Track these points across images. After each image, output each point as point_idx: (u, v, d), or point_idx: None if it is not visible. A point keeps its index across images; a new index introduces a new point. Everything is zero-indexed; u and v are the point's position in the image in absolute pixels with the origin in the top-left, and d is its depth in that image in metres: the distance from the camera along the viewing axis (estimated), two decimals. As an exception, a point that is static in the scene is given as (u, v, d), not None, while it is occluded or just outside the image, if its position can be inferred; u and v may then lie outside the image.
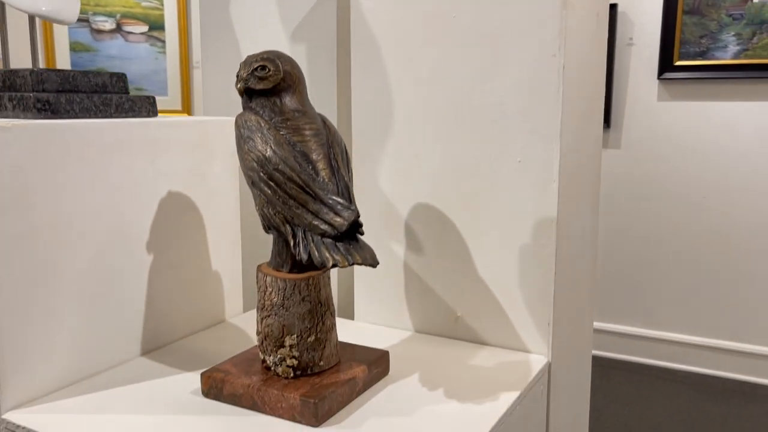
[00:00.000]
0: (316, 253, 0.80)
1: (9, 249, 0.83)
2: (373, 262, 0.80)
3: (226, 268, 1.18)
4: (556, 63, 0.96)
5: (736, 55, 2.71)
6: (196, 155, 1.09)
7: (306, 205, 0.81)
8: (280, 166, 0.82)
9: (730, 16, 2.70)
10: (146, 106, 1.07)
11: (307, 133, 0.86)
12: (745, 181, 2.68)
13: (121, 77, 1.06)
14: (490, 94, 1.01)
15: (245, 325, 1.18)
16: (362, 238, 0.83)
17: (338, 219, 0.80)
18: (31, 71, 0.94)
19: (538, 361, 1.01)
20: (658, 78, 2.80)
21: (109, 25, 3.73)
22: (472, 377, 0.96)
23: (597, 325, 2.80)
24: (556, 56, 0.95)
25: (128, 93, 1.07)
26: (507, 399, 0.88)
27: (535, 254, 1.01)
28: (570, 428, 1.18)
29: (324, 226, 0.80)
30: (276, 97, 0.87)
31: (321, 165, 0.84)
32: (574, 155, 1.04)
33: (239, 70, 0.89)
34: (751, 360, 2.73)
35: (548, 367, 1.02)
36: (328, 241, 0.81)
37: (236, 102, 1.29)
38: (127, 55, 3.84)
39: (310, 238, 0.82)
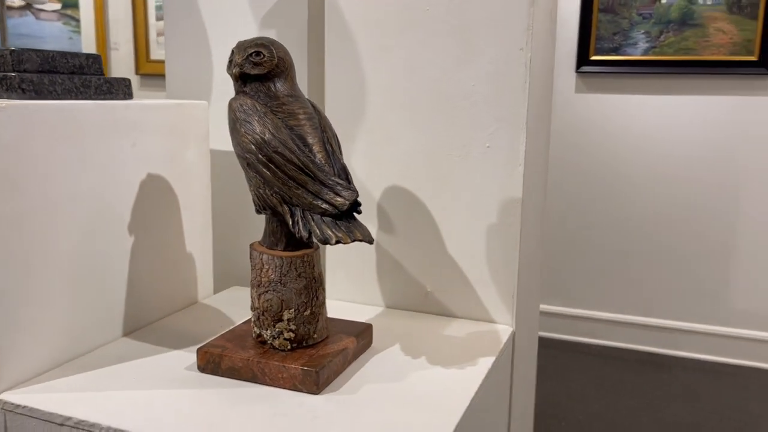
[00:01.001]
0: (318, 231, 0.85)
1: (3, 232, 0.83)
2: (370, 239, 0.86)
3: (198, 251, 1.20)
4: (524, 56, 1.04)
5: (645, 52, 2.92)
6: (173, 138, 1.11)
7: (306, 185, 0.86)
8: (279, 149, 0.86)
9: (641, 15, 2.91)
10: (123, 88, 1.07)
11: (302, 117, 0.90)
12: (652, 168, 2.91)
13: (97, 59, 1.06)
14: (461, 84, 1.08)
15: (219, 305, 1.20)
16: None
17: (339, 198, 0.85)
18: (12, 50, 0.93)
19: (504, 330, 1.10)
20: (576, 71, 2.98)
21: (18, 0, 3.54)
22: (449, 346, 1.03)
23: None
24: (523, 50, 1.04)
25: (104, 74, 1.07)
26: (485, 363, 0.97)
27: (502, 232, 1.09)
28: (524, 392, 1.28)
29: (325, 206, 0.85)
30: (270, 83, 0.90)
31: (317, 148, 0.88)
32: (534, 141, 1.13)
33: (233, 55, 0.91)
34: (661, 333, 2.97)
35: (513, 335, 1.11)
36: (328, 219, 0.86)
37: (200, 85, 1.31)
38: (38, 34, 3.66)
39: (310, 217, 0.86)
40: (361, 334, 0.99)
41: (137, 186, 1.04)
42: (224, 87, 1.30)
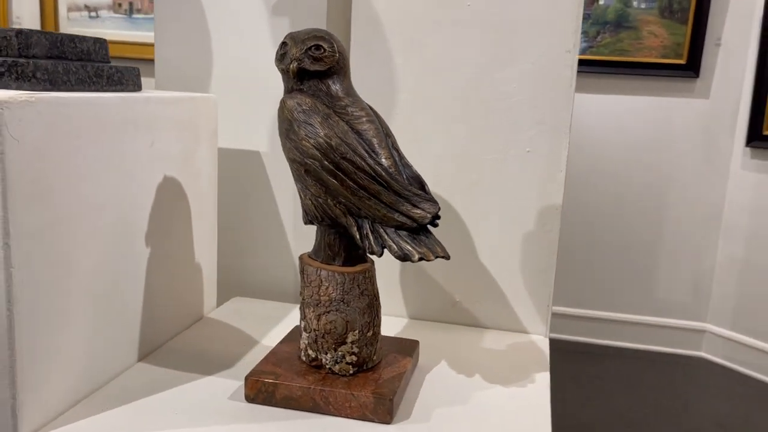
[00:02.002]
0: (395, 246, 0.77)
1: (30, 248, 0.69)
2: (447, 255, 0.79)
3: (205, 261, 1.08)
4: (570, 58, 1.00)
5: (583, 51, 2.99)
6: (187, 136, 0.99)
7: (379, 196, 0.78)
8: (348, 155, 0.77)
9: (580, 15, 2.97)
10: (133, 78, 0.94)
11: (365, 120, 0.82)
12: (586, 164, 2.99)
13: (103, 43, 0.92)
14: (501, 84, 1.03)
15: (228, 320, 1.09)
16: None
17: (417, 211, 0.78)
18: (18, 32, 0.78)
19: (541, 341, 1.07)
20: (518, 68, 3.00)
21: None
22: (496, 360, 0.98)
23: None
24: (570, 52, 1.00)
25: (110, 61, 0.93)
26: (542, 380, 0.93)
27: (539, 240, 1.06)
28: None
29: (401, 218, 0.78)
30: (329, 80, 0.82)
31: (384, 154, 0.80)
32: (566, 146, 1.10)
33: (285, 48, 0.82)
34: (594, 324, 3.07)
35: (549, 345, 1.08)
36: (403, 233, 0.78)
37: (193, 78, 1.18)
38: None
39: (382, 230, 0.79)
40: (413, 353, 0.92)
41: (154, 191, 0.91)
42: (225, 77, 1.18)
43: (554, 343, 2.91)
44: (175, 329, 1.01)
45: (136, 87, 0.95)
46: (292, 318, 1.11)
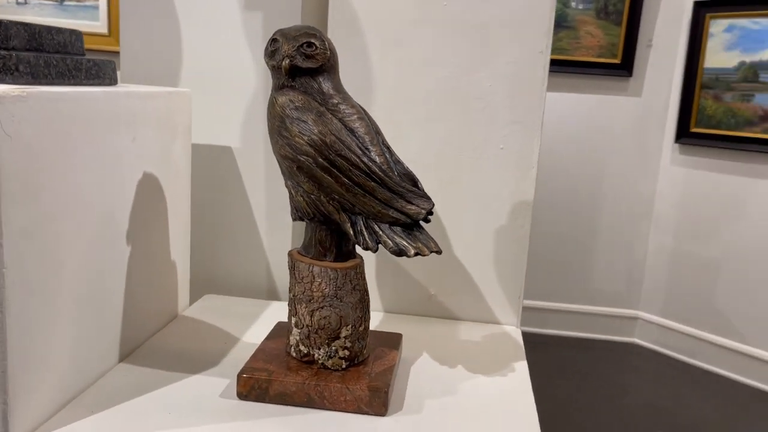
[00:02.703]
0: (390, 242, 0.79)
1: (21, 248, 0.67)
2: (440, 250, 0.81)
3: (179, 258, 1.07)
4: (543, 59, 1.04)
5: (524, 49, 3.07)
6: (164, 131, 0.97)
7: (374, 193, 0.79)
8: (343, 152, 0.78)
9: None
10: (109, 72, 0.91)
11: (356, 117, 0.82)
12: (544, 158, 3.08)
13: (79, 35, 0.89)
14: (477, 83, 1.06)
15: (204, 318, 1.08)
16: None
17: (412, 207, 0.79)
18: (-3, 22, 0.75)
19: (514, 332, 1.10)
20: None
21: None
22: (476, 352, 1.01)
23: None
24: (543, 53, 1.04)
25: (85, 54, 0.90)
26: (522, 369, 0.96)
27: (512, 234, 1.09)
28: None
29: (396, 215, 0.79)
30: (320, 77, 0.82)
31: (377, 151, 0.81)
32: (534, 143, 1.14)
33: (276, 44, 0.81)
34: (531, 313, 3.17)
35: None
36: (397, 228, 0.80)
37: (159, 73, 1.16)
38: None
39: (376, 226, 0.80)
40: (398, 346, 0.94)
41: (134, 187, 0.89)
42: (194, 72, 1.16)
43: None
44: (152, 328, 0.99)
45: (113, 81, 0.92)
46: (268, 315, 1.11)
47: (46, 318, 0.72)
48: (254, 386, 0.81)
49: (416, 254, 0.78)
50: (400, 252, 0.78)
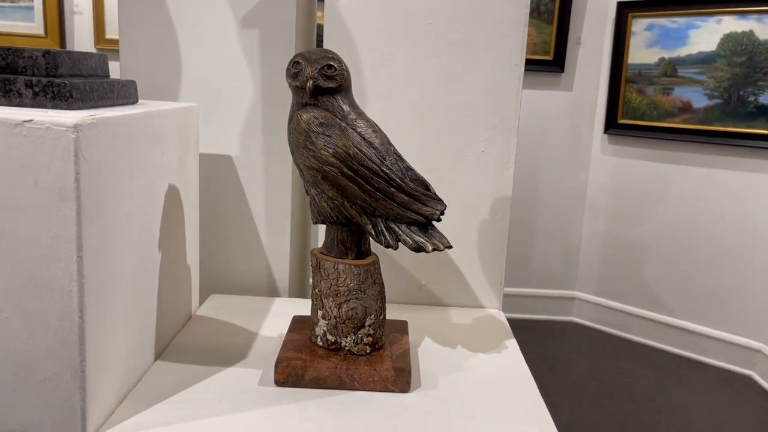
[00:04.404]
0: (409, 240, 0.90)
1: (92, 260, 0.74)
2: (451, 245, 0.93)
3: (192, 262, 1.14)
4: (517, 71, 1.17)
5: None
6: (180, 145, 1.04)
7: (393, 197, 0.90)
8: (365, 162, 0.89)
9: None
10: (132, 91, 0.98)
11: (372, 131, 0.93)
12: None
13: (104, 58, 0.95)
14: (459, 93, 1.18)
15: (218, 316, 1.16)
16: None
17: (428, 209, 0.91)
18: (45, 52, 0.81)
19: (498, 314, 1.24)
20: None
21: None
22: (470, 334, 1.14)
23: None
24: (517, 65, 1.17)
25: (110, 75, 0.97)
26: (513, 345, 1.10)
27: (493, 227, 1.23)
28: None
29: (414, 216, 0.90)
30: (338, 95, 0.92)
31: (391, 160, 0.92)
32: (508, 145, 1.27)
33: (299, 66, 0.91)
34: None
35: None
36: (414, 228, 0.91)
37: (160, 87, 1.22)
38: None
39: (394, 226, 0.91)
40: (406, 331, 1.05)
41: (162, 199, 0.97)
42: (192, 86, 1.23)
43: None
44: (176, 328, 1.07)
45: (136, 99, 0.99)
46: (274, 310, 1.20)
47: (109, 322, 0.80)
48: (291, 373, 0.91)
49: (434, 250, 0.90)
50: (419, 248, 0.89)
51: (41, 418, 0.74)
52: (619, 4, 3.06)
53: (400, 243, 0.91)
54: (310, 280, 1.14)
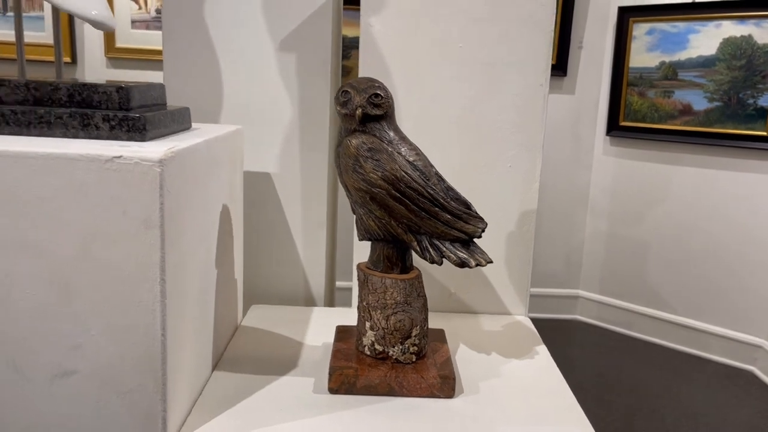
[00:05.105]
0: (454, 256, 0.97)
1: (171, 281, 0.81)
2: (491, 260, 1.00)
3: (238, 275, 1.21)
4: (542, 91, 1.24)
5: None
6: (231, 167, 1.10)
7: (437, 216, 0.97)
8: (412, 184, 0.95)
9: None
10: (187, 116, 1.04)
11: (415, 154, 0.99)
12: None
13: (163, 88, 1.01)
14: (488, 113, 1.25)
15: (263, 327, 1.22)
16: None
17: (470, 226, 0.98)
18: (118, 88, 0.87)
19: (525, 320, 1.31)
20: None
21: None
22: (502, 340, 1.21)
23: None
24: (542, 86, 1.24)
25: (166, 102, 1.03)
26: (543, 351, 1.17)
27: (519, 238, 1.29)
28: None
29: (457, 233, 0.97)
30: (384, 122, 0.98)
31: (434, 181, 0.99)
32: (531, 159, 1.34)
33: (348, 96, 0.97)
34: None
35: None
36: (457, 244, 0.98)
37: (204, 110, 1.28)
38: None
39: (438, 243, 0.98)
40: (445, 339, 1.12)
41: (218, 218, 1.03)
42: (233, 107, 1.29)
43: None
44: (227, 339, 1.13)
45: (189, 123, 1.05)
46: (314, 319, 1.26)
47: (182, 337, 0.86)
48: (344, 381, 0.97)
49: (476, 265, 0.96)
50: (462, 264, 0.96)
51: (125, 427, 0.81)
52: (620, 9, 3.13)
53: (444, 259, 0.97)
54: (354, 293, 1.21)
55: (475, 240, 1.00)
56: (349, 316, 1.23)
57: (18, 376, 0.78)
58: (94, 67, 3.20)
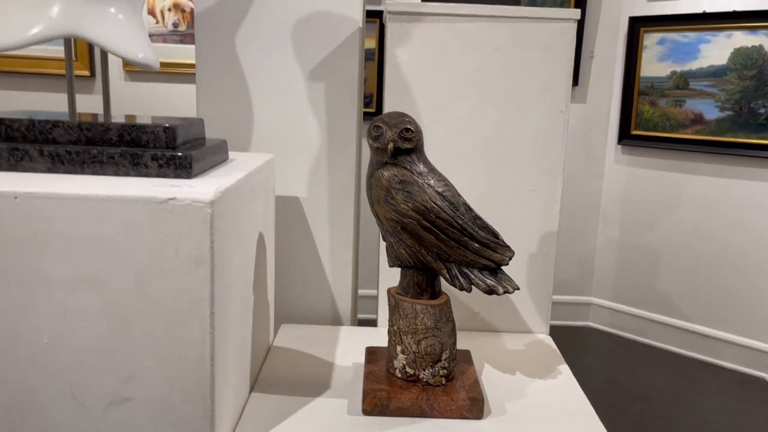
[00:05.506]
0: (482, 284, 1.01)
1: (217, 313, 0.85)
2: (518, 287, 1.04)
3: (270, 297, 1.25)
4: (563, 118, 1.28)
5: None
6: (266, 194, 1.15)
7: (466, 245, 1.01)
8: (442, 215, 1.00)
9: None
10: (225, 149, 1.09)
11: (443, 185, 1.04)
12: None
13: (202, 122, 1.06)
14: (511, 140, 1.29)
15: (295, 346, 1.27)
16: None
17: (497, 255, 1.02)
18: (164, 128, 0.92)
19: (546, 339, 1.35)
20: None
21: None
22: (525, 358, 1.25)
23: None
24: (563, 113, 1.28)
25: (205, 136, 1.07)
26: (565, 370, 1.21)
27: (540, 259, 1.34)
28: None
29: (485, 261, 1.01)
30: (414, 155, 1.03)
31: (463, 210, 1.03)
32: (551, 181, 1.38)
33: (379, 130, 1.01)
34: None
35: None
36: (485, 272, 1.02)
37: (235, 136, 1.32)
38: None
39: (467, 271, 1.02)
40: (471, 361, 1.16)
41: (255, 246, 1.08)
42: (263, 134, 1.34)
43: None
44: (261, 360, 1.18)
45: (227, 155, 1.10)
46: (342, 339, 1.31)
47: (225, 363, 0.91)
48: (377, 404, 1.02)
49: (504, 292, 1.01)
50: (491, 291, 1.01)
51: (176, 452, 0.85)
52: (630, 19, 3.16)
53: (473, 286, 1.01)
54: (385, 316, 1.25)
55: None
56: (374, 336, 1.28)
57: (76, 404, 0.83)
58: (113, 81, 3.26)
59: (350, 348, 1.25)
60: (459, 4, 1.23)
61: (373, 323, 1.40)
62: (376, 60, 2.97)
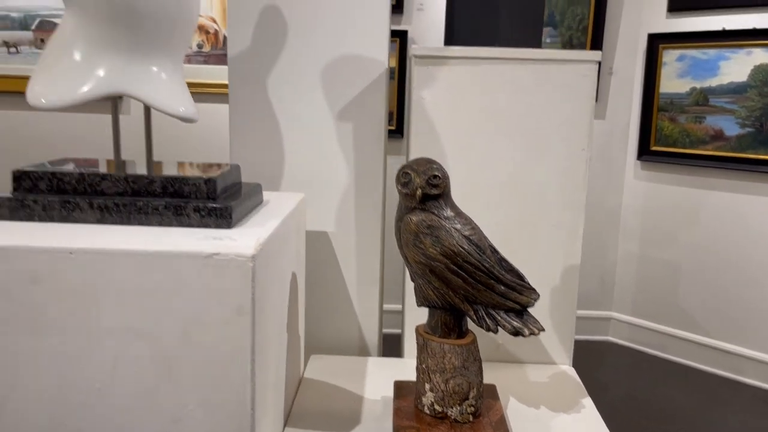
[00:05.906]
0: (509, 325, 1.05)
1: (259, 360, 0.90)
2: (544, 329, 1.07)
3: (302, 331, 1.30)
4: (585, 155, 1.32)
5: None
6: (298, 233, 1.20)
7: (493, 288, 1.05)
8: (469, 258, 1.04)
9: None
10: (259, 192, 1.14)
11: (469, 228, 1.07)
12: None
13: (239, 168, 1.11)
14: (533, 176, 1.32)
15: (325, 378, 1.31)
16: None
17: (523, 297, 1.06)
18: (206, 180, 0.97)
19: (569, 370, 1.38)
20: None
21: None
22: (549, 392, 1.28)
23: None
24: (584, 150, 1.31)
25: (241, 180, 1.12)
26: (589, 403, 1.24)
27: (563, 292, 1.37)
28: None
29: (511, 304, 1.05)
30: (441, 200, 1.07)
31: (489, 253, 1.07)
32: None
33: (407, 177, 1.05)
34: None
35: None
36: (511, 314, 1.06)
37: (267, 176, 1.37)
38: None
39: (494, 312, 1.06)
40: (497, 396, 1.20)
41: (288, 286, 1.12)
42: (294, 173, 1.39)
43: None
44: (293, 393, 1.22)
45: (261, 197, 1.15)
46: (370, 371, 1.35)
47: (265, 406, 0.95)
48: (408, 440, 1.06)
49: (530, 334, 1.04)
50: (516, 333, 1.04)
51: (218, 491, 0.90)
52: (650, 35, 3.17)
53: (499, 327, 1.05)
54: (409, 344, 1.29)
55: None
56: (400, 368, 1.32)
57: (125, 446, 0.88)
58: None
59: (378, 380, 1.29)
60: (481, 48, 1.27)
61: (396, 338, 1.44)
62: (396, 78, 3.02)
